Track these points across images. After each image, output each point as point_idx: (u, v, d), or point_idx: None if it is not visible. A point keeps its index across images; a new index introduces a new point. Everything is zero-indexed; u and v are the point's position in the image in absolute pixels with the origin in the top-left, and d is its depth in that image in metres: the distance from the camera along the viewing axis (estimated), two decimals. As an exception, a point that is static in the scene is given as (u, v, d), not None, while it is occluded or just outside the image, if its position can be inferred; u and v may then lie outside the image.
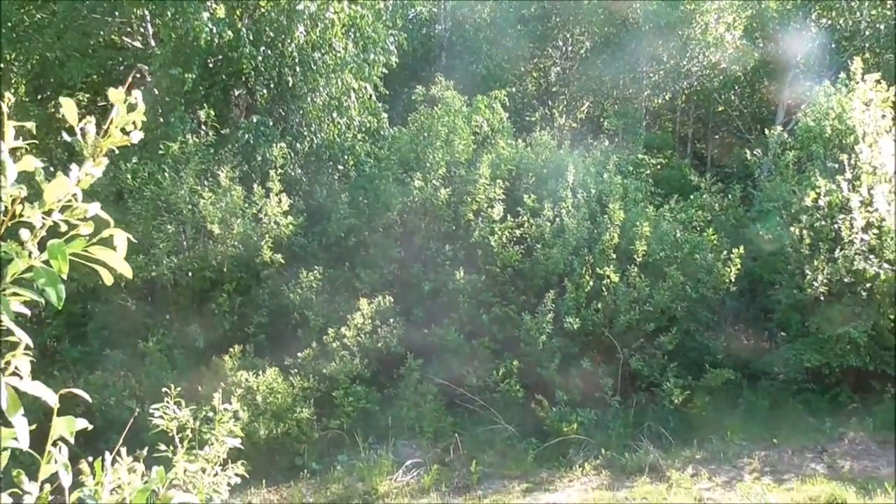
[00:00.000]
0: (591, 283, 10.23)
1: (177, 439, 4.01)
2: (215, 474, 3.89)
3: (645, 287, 10.22)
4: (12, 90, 12.04)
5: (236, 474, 3.97)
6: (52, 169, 10.75)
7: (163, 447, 3.71)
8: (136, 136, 1.65)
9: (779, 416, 10.43)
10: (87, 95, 12.88)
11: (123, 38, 12.48)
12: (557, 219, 10.73)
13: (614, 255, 10.43)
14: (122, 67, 12.49)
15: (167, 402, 4.68)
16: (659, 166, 15.83)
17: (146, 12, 11.80)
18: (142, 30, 12.54)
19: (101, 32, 12.16)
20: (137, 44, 12.44)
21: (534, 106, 16.42)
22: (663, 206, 11.41)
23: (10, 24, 11.08)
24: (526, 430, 9.68)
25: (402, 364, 9.90)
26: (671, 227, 10.89)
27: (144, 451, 2.54)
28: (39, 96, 12.46)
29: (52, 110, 12.45)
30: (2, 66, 11.64)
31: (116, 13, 11.50)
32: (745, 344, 12.03)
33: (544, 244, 10.56)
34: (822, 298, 10.39)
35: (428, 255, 10.86)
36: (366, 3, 11.88)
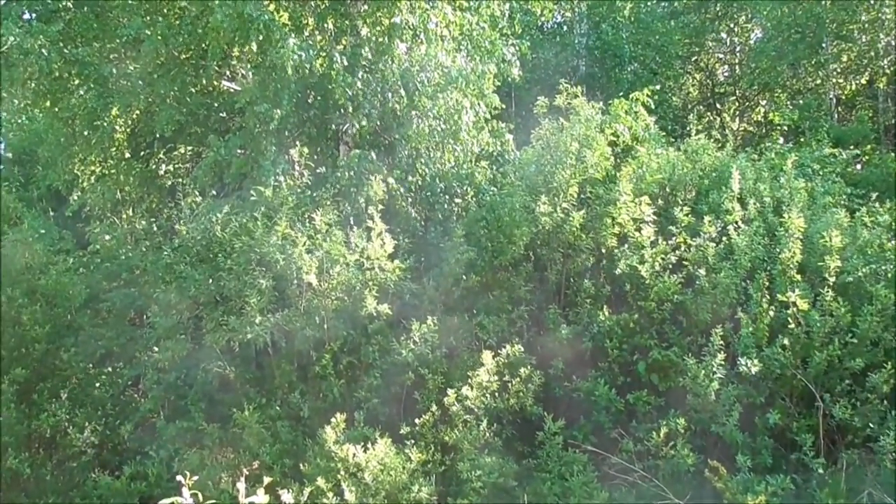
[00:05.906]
0: (771, 312, 8.17)
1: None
2: None
3: (846, 313, 8.02)
4: (115, 147, 11.57)
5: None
6: (154, 228, 10.00)
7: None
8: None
9: None
10: (190, 148, 12.26)
11: (222, 82, 11.76)
12: (724, 237, 8.77)
13: (799, 276, 8.34)
14: (221, 114, 11.77)
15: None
16: (858, 164, 13.08)
17: (239, 52, 11.00)
18: (242, 72, 11.80)
19: (201, 77, 11.46)
20: (236, 86, 11.68)
21: (699, 112, 14.24)
22: (860, 211, 9.12)
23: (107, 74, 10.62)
24: (701, 505, 7.68)
25: (540, 428, 8.19)
26: (874, 235, 8.61)
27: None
28: (141, 153, 11.94)
29: (153, 166, 11.91)
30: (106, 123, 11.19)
31: (209, 55, 10.69)
32: None
33: (709, 269, 8.60)
34: None
35: (565, 293, 9.17)
36: (478, 11, 10.51)
